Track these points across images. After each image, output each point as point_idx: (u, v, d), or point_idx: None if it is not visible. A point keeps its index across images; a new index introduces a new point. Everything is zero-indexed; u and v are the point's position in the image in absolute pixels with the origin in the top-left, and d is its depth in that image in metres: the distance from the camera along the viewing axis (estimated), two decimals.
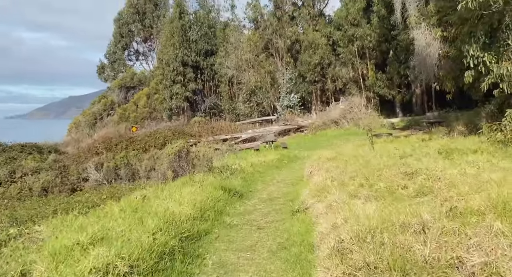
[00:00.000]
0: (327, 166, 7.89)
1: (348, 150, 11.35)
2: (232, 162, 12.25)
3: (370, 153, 9.80)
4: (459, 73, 18.52)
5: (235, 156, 15.68)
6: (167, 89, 36.73)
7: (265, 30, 32.66)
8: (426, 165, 5.85)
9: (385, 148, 10.33)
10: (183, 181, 7.94)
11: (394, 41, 28.18)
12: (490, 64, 7.98)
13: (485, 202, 3.22)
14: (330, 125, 23.88)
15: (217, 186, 7.29)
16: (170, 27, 36.26)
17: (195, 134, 23.78)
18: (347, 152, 10.75)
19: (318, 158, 9.77)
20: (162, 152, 10.17)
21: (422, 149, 8.87)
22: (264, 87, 30.75)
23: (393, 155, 8.40)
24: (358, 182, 5.85)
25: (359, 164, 7.39)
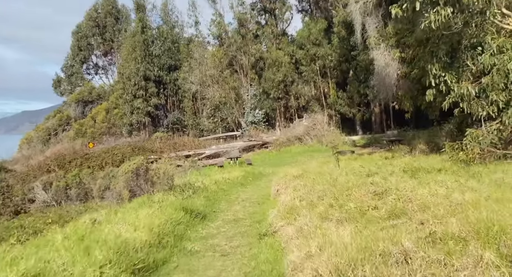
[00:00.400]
0: (294, 184, 7.61)
1: (314, 167, 11.19)
2: (195, 179, 11.72)
3: (336, 170, 9.67)
4: (417, 93, 19.28)
5: (198, 173, 15.12)
6: (128, 103, 35.54)
7: (229, 47, 32.66)
8: (395, 184, 5.71)
9: (350, 166, 10.26)
10: (140, 201, 7.34)
11: (354, 61, 29.04)
12: (451, 83, 8.16)
13: (464, 227, 3.03)
14: (294, 141, 23.90)
15: (178, 207, 6.77)
16: (131, 41, 35.38)
17: (156, 150, 22.91)
18: (313, 170, 10.57)
19: (285, 175, 9.50)
20: (119, 170, 9.49)
21: (387, 167, 8.84)
22: (229, 102, 30.51)
23: (359, 173, 8.29)
24: (327, 202, 5.59)
25: (327, 182, 7.18)
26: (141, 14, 36.18)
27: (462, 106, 8.09)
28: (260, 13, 35.17)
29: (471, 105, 7.75)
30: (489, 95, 7.69)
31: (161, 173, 9.30)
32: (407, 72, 19.25)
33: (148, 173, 8.81)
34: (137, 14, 36.44)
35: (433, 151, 10.48)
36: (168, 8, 38.87)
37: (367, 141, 25.00)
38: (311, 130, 24.00)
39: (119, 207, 7.25)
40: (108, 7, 44.27)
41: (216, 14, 32.46)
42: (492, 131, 7.78)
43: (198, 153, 23.01)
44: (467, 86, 7.69)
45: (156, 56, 35.89)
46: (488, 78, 7.64)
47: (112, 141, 32.09)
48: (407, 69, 19.26)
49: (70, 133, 42.26)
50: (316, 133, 23.47)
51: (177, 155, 22.40)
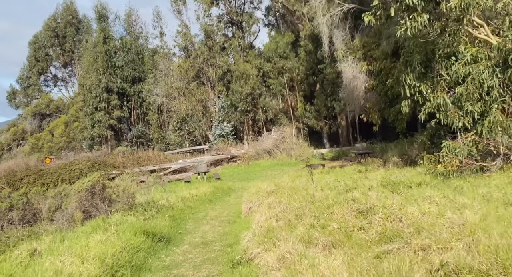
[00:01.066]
0: (268, 201, 7.01)
1: (287, 181, 10.66)
2: (159, 196, 10.85)
3: (310, 185, 9.18)
4: (384, 106, 19.48)
5: (163, 190, 14.18)
6: (89, 116, 33.84)
7: (196, 59, 31.98)
8: (378, 201, 5.24)
9: (324, 180, 9.81)
10: (94, 224, 6.46)
11: (321, 74, 29.19)
12: (427, 93, 7.95)
13: (480, 256, 2.54)
14: (263, 155, 23.39)
15: (138, 230, 5.96)
16: (93, 52, 33.95)
17: (118, 165, 21.62)
18: (286, 184, 10.03)
19: (257, 191, 8.88)
20: (72, 188, 8.50)
21: (363, 181, 8.45)
22: (196, 115, 29.67)
23: (335, 188, 7.83)
24: (307, 222, 5.02)
25: (303, 198, 6.63)
26: (103, 24, 34.89)
27: (438, 117, 7.87)
28: (227, 25, 34.90)
29: (447, 116, 7.54)
30: (464, 105, 7.52)
31: (120, 190, 8.41)
32: (375, 84, 19.42)
33: (105, 191, 7.89)
34: (99, 24, 35.10)
35: (407, 163, 10.26)
36: (131, 19, 37.82)
37: (335, 154, 24.93)
38: (280, 143, 23.62)
39: (69, 232, 6.32)
40: (68, 17, 42.48)
41: (182, 25, 31.81)
42: (468, 143, 7.58)
43: (164, 168, 21.95)
44: (443, 96, 7.49)
45: (119, 67, 34.57)
46: (462, 88, 7.47)
47: (71, 156, 30.25)
48: (374, 82, 19.43)
49: (25, 148, 39.62)
50: (285, 147, 23.10)
51: (141, 170, 21.22)
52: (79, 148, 36.35)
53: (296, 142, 23.48)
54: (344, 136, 31.19)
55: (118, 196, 8.33)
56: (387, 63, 18.10)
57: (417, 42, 7.99)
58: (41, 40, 42.86)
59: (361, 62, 19.32)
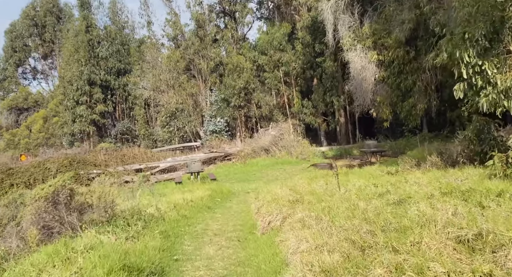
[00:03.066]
0: (298, 216, 5.10)
1: (302, 185, 8.79)
2: (147, 202, 8.87)
3: (337, 191, 7.34)
4: (396, 100, 17.82)
5: (151, 193, 12.16)
6: (69, 111, 31.40)
7: (186, 50, 29.84)
8: (492, 224, 3.40)
9: (351, 184, 7.98)
10: (52, 251, 4.47)
11: (319, 68, 27.49)
12: (492, 74, 6.18)
13: None
14: (260, 153, 21.49)
15: (115, 264, 3.99)
16: (74, 41, 31.47)
17: (100, 163, 19.45)
18: (302, 188, 8.17)
19: (274, 198, 6.97)
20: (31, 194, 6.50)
21: (408, 187, 6.64)
22: (186, 109, 27.53)
23: (378, 196, 5.99)
24: (384, 259, 3.13)
25: (350, 213, 4.76)
26: (86, 12, 32.42)
27: (508, 105, 6.09)
28: (219, 15, 32.83)
29: None
30: None
31: (95, 198, 6.40)
32: (385, 76, 17.74)
33: (73, 200, 5.88)
34: (81, 11, 32.60)
35: (448, 164, 8.50)
36: (117, 7, 35.40)
37: (336, 153, 23.19)
38: (279, 140, 21.75)
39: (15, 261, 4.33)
40: (48, 4, 39.71)
41: (171, 13, 29.62)
42: None
43: (151, 167, 19.87)
44: None
45: (103, 58, 32.19)
46: None
47: (50, 153, 27.86)
48: (385, 73, 17.75)
49: (0, 144, 36.90)
50: (284, 144, 21.25)
51: (125, 169, 19.11)
52: (58, 144, 33.86)
53: (294, 139, 21.63)
54: (343, 133, 29.50)
55: (91, 206, 6.32)
56: (401, 52, 16.43)
57: (482, 6, 6.19)
58: (18, 29, 40.01)
59: (371, 51, 17.59)
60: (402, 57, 16.60)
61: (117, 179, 18.11)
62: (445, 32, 12.49)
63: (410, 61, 16.68)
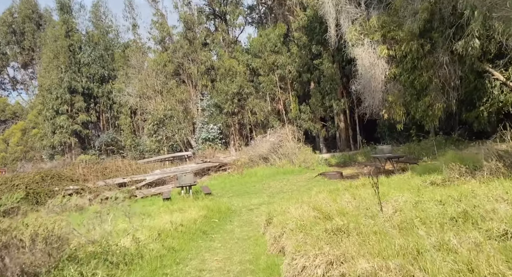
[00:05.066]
0: (363, 266, 3.05)
1: (324, 200, 6.75)
2: (124, 228, 6.77)
3: (374, 208, 5.33)
4: (410, 99, 15.99)
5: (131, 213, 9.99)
6: (49, 121, 29.02)
7: (175, 53, 27.84)
8: None
9: (391, 198, 5.99)
10: None
11: (317, 71, 25.80)
12: None
13: None
14: (258, 161, 19.43)
15: None
16: (54, 47, 29.23)
17: (78, 178, 17.17)
18: (329, 207, 6.14)
19: (299, 226, 4.88)
20: None
21: (493, 205, 4.64)
22: (176, 116, 25.36)
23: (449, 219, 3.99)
24: None
25: (453, 262, 2.71)
26: (66, 16, 30.28)
27: None
28: (209, 17, 30.98)
29: None
30: None
31: (39, 235, 4.26)
32: (397, 73, 15.90)
33: None
34: (61, 15, 30.46)
35: None
36: (100, 11, 33.32)
37: (339, 160, 21.28)
38: (279, 147, 19.73)
39: None
40: (27, 10, 37.41)
41: (158, 14, 27.66)
42: None
43: (136, 180, 17.65)
44: None
45: (85, 64, 29.99)
46: None
47: (29, 168, 25.51)
48: (397, 70, 15.91)
49: None
50: (285, 152, 19.23)
51: (106, 184, 16.88)
52: (38, 158, 31.36)
53: (295, 146, 19.63)
54: (343, 139, 27.65)
55: (34, 243, 4.18)
56: (414, 45, 14.61)
57: None
58: None
59: (380, 45, 15.76)
60: (416, 51, 14.78)
61: (94, 196, 15.89)
62: (477, 15, 10.76)
63: (425, 55, 14.88)
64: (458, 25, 14.13)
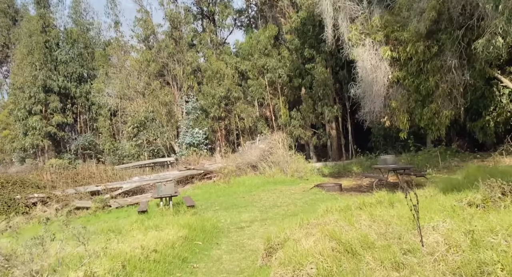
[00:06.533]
0: None
1: (336, 223, 5.29)
2: (79, 255, 5.16)
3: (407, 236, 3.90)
4: (414, 105, 14.78)
5: (87, 234, 8.30)
6: (20, 122, 26.86)
7: (159, 53, 26.22)
8: None
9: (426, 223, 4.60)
10: None
11: (308, 75, 24.58)
12: None
13: None
14: (247, 170, 17.91)
15: None
16: (28, 42, 27.21)
17: (45, 185, 15.29)
18: (347, 233, 4.68)
19: (323, 269, 3.37)
20: None
21: None
22: (159, 119, 23.62)
23: None
24: None
25: None
26: (43, 10, 28.33)
27: None
28: (197, 17, 29.52)
29: None
30: None
31: None
32: (401, 76, 14.71)
33: None
34: (37, 9, 28.49)
35: None
36: (81, 7, 31.44)
37: (333, 170, 19.97)
38: (269, 155, 18.24)
39: None
40: (2, 5, 35.12)
41: (142, 10, 26.02)
42: None
43: (111, 188, 15.87)
44: None
45: (62, 62, 28.02)
46: None
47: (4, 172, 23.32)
48: (401, 73, 14.71)
49: None
50: (276, 160, 17.76)
51: (77, 192, 15.05)
52: (8, 162, 29.07)
53: (289, 154, 18.18)
54: (335, 148, 26.37)
55: None
56: (420, 46, 13.47)
57: None
58: None
59: (383, 46, 14.55)
60: (422, 53, 13.63)
61: (63, 205, 14.05)
62: (502, 9, 9.59)
63: (432, 58, 13.75)
64: (468, 26, 13.10)
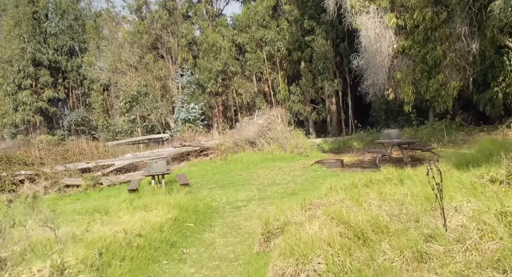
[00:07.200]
0: None
1: (345, 204, 4.67)
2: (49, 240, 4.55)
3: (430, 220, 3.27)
4: (420, 76, 14.00)
5: (79, 209, 7.72)
6: (10, 97, 25.95)
7: (152, 24, 25.02)
8: None
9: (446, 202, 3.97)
10: None
11: (308, 48, 23.58)
12: None
13: None
14: (244, 146, 17.28)
15: None
16: (15, 13, 25.92)
17: (33, 161, 14.64)
18: (356, 215, 4.06)
19: (333, 263, 2.75)
20: None
21: None
22: (152, 93, 22.74)
23: None
24: None
25: None
26: None
27: None
28: None
29: None
30: None
31: None
32: (407, 46, 13.82)
33: None
34: None
35: None
36: None
37: (333, 146, 19.36)
38: (267, 131, 17.55)
39: None
40: None
41: None
42: None
43: (103, 166, 15.25)
44: None
45: (52, 34, 26.82)
46: None
47: None
48: (407, 42, 13.83)
49: None
50: (274, 135, 17.08)
51: (67, 169, 14.41)
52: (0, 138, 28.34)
53: (288, 129, 17.48)
54: (334, 123, 25.67)
55: None
56: (428, 12, 12.55)
57: None
58: None
59: (388, 13, 13.61)
60: (429, 20, 12.71)
61: (51, 183, 13.46)
62: None
63: (440, 25, 12.85)
64: None
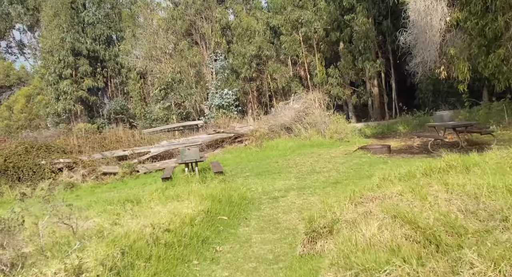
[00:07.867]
0: None
1: (405, 198, 3.91)
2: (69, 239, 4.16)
3: None
4: (477, 51, 12.58)
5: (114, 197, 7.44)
6: (52, 86, 26.70)
7: (186, 10, 24.62)
8: None
9: None
10: None
11: (347, 28, 22.22)
12: None
13: None
14: (280, 132, 16.61)
15: None
16: (54, 3, 26.41)
17: (71, 150, 14.81)
18: (426, 214, 3.28)
19: None
20: None
21: None
22: (186, 80, 22.45)
23: None
24: None
25: None
26: None
27: None
28: None
29: None
30: None
31: None
32: (462, 18, 12.41)
33: None
34: None
35: None
36: None
37: (376, 130, 18.28)
38: (304, 116, 16.74)
39: None
40: None
41: None
42: None
43: (139, 153, 15.18)
44: None
45: (89, 24, 27.15)
46: None
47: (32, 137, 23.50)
48: (462, 14, 12.41)
49: None
50: (312, 120, 16.25)
51: (104, 157, 14.46)
52: (44, 126, 29.41)
53: (322, 113, 16.55)
54: (376, 107, 24.28)
55: None
56: None
57: None
58: None
59: None
60: None
61: (89, 171, 13.52)
62: None
63: None
64: None
